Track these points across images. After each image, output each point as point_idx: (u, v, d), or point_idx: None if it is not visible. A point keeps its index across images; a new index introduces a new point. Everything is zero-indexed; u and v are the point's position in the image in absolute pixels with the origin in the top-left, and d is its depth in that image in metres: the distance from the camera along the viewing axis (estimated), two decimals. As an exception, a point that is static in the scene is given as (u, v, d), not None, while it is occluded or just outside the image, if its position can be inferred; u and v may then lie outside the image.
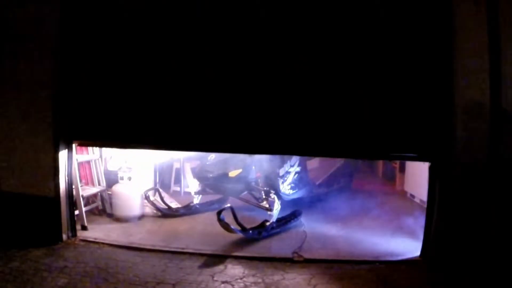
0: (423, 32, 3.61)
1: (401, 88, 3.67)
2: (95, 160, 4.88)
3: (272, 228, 4.32)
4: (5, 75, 3.87)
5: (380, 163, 8.14)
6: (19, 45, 3.82)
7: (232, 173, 4.51)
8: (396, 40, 3.64)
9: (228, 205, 4.27)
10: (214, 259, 3.59)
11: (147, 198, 4.98)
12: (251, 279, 3.21)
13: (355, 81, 3.70)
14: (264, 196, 4.54)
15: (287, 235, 4.36)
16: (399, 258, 3.75)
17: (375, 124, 3.71)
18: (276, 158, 4.70)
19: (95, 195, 4.85)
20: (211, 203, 5.39)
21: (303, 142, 3.81)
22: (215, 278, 3.21)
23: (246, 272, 3.35)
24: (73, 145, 4.05)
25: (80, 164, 4.53)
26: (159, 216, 4.96)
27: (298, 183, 5.07)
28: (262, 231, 4.20)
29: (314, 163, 5.87)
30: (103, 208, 4.91)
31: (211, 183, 4.74)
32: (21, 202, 3.90)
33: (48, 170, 3.84)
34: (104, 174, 4.94)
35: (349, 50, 3.69)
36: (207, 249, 3.81)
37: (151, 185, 5.66)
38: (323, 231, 4.48)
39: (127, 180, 4.80)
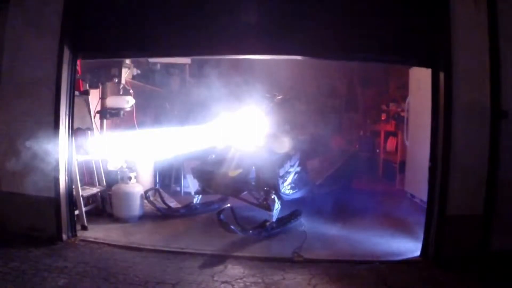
0: None
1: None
2: (95, 160, 4.87)
3: (272, 228, 4.32)
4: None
5: (380, 163, 8.16)
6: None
7: (232, 173, 4.51)
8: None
9: (228, 205, 4.27)
10: (214, 259, 3.59)
11: (147, 198, 4.98)
12: (251, 279, 3.21)
13: None
14: (264, 196, 4.54)
15: (287, 235, 4.36)
16: (399, 258, 3.74)
17: (379, 24, 3.73)
18: (276, 157, 4.70)
19: (95, 195, 4.85)
20: (211, 203, 5.39)
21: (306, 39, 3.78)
22: (215, 278, 3.20)
23: (246, 272, 3.35)
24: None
25: (80, 164, 4.53)
26: (159, 216, 4.96)
27: (298, 183, 5.07)
28: (262, 231, 4.20)
29: (314, 163, 5.88)
30: (103, 208, 4.91)
31: (211, 182, 4.74)
32: (20, 202, 3.91)
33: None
34: (104, 174, 4.94)
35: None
36: (207, 249, 3.81)
37: (151, 185, 5.67)
38: (323, 231, 4.48)
39: (127, 180, 4.80)
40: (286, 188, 4.82)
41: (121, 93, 5.16)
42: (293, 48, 3.86)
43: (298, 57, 4.17)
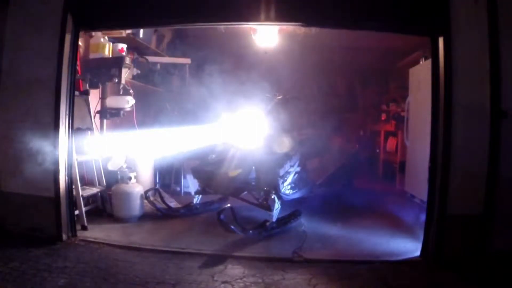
0: None
1: None
2: (95, 160, 4.87)
3: (272, 228, 4.32)
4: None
5: (380, 163, 8.16)
6: None
7: (232, 173, 4.51)
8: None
9: (228, 205, 4.27)
10: (214, 259, 3.59)
11: (147, 198, 4.98)
12: (251, 279, 3.21)
13: None
14: (264, 196, 4.54)
15: (287, 235, 4.36)
16: (399, 258, 3.74)
17: None
18: (276, 157, 4.70)
19: (95, 195, 4.85)
20: (211, 203, 5.39)
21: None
22: (215, 278, 3.20)
23: (246, 272, 3.35)
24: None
25: (80, 164, 4.52)
26: (159, 216, 4.96)
27: (298, 183, 5.07)
28: (262, 231, 4.20)
29: (314, 163, 5.88)
30: (103, 208, 4.91)
31: (211, 182, 4.74)
32: (20, 202, 3.91)
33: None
34: (104, 174, 4.94)
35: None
36: (207, 249, 3.81)
37: (151, 185, 5.67)
38: (323, 231, 4.47)
39: (127, 180, 4.80)
40: (286, 188, 4.82)
41: (121, 93, 5.16)
42: (293, 16, 3.83)
43: (298, 24, 4.12)
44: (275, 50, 6.57)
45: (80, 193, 4.34)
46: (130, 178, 4.81)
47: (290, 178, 4.90)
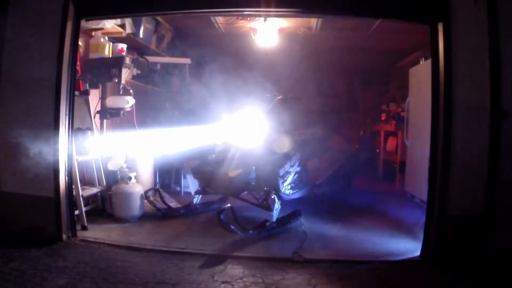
0: None
1: None
2: (95, 160, 4.87)
3: (272, 228, 4.32)
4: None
5: (380, 163, 8.17)
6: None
7: (232, 173, 4.51)
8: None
9: (228, 205, 4.27)
10: (214, 259, 3.59)
11: (147, 198, 4.98)
12: (251, 279, 3.20)
13: None
14: (264, 196, 4.54)
15: (287, 235, 4.35)
16: (399, 258, 3.74)
17: None
18: (276, 157, 4.71)
19: (95, 195, 4.85)
20: (211, 203, 5.39)
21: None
22: (215, 278, 3.20)
23: (246, 272, 3.35)
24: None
25: (80, 164, 4.52)
26: (159, 216, 4.96)
27: (298, 183, 5.08)
28: (262, 231, 4.20)
29: (314, 163, 5.89)
30: (103, 208, 4.91)
31: (211, 182, 4.74)
32: (20, 202, 3.91)
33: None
34: (104, 174, 4.94)
35: None
36: (207, 249, 3.81)
37: (151, 185, 5.67)
38: (323, 231, 4.48)
39: (127, 180, 4.80)
40: (286, 188, 4.82)
41: (121, 93, 5.15)
42: (292, 3, 3.81)
43: (298, 11, 4.06)
44: (275, 50, 6.58)
45: (80, 193, 4.34)
46: (130, 178, 4.81)
47: (290, 178, 4.91)
